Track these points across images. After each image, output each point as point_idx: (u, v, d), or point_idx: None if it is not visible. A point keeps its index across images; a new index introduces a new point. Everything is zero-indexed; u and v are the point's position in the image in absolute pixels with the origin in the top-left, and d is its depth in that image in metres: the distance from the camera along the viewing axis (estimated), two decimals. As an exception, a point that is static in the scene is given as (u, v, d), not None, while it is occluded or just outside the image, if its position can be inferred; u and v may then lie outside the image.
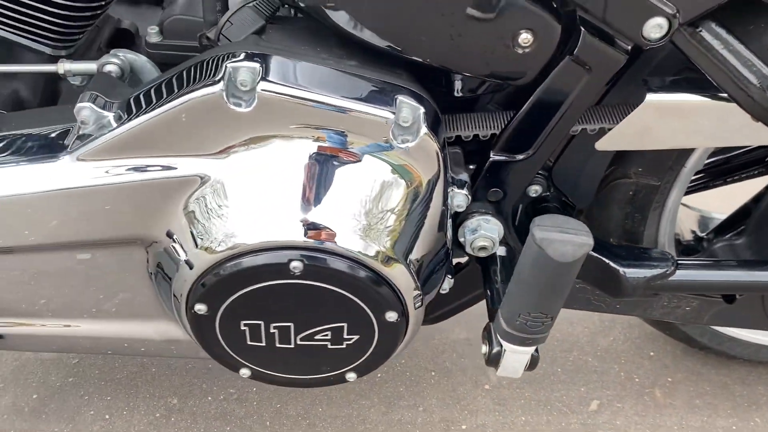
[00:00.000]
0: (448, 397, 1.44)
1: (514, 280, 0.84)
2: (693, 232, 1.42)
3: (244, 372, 0.95)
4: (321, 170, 0.82)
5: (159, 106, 0.80)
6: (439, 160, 0.85)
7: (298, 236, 0.80)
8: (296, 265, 0.80)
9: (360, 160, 0.82)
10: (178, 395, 1.38)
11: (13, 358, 1.43)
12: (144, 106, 0.82)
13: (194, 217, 0.83)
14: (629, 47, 0.83)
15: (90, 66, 0.93)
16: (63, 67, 0.93)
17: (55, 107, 1.00)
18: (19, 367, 1.41)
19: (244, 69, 0.78)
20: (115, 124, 0.84)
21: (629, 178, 1.12)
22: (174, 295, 0.88)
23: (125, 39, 1.16)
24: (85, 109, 0.83)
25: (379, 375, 1.47)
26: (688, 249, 1.35)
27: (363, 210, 0.82)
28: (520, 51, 0.82)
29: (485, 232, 0.97)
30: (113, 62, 0.92)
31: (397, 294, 0.86)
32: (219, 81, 0.78)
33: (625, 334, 1.62)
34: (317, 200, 0.81)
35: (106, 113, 0.84)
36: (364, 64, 0.85)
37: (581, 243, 0.77)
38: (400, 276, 0.85)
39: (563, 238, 0.77)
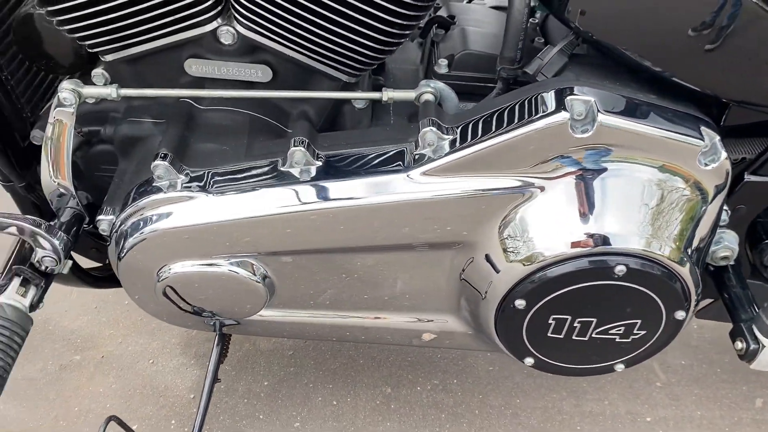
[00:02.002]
0: (627, 392, 1.58)
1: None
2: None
3: (529, 360, 1.10)
4: (638, 187, 0.96)
5: (504, 132, 0.95)
6: (727, 180, 0.99)
7: (623, 243, 0.94)
8: (620, 269, 0.95)
9: (670, 179, 0.97)
10: (390, 385, 1.53)
11: (235, 349, 1.57)
12: (487, 131, 0.96)
13: (524, 224, 0.98)
14: None
15: (409, 94, 1.07)
16: (387, 95, 1.07)
17: (374, 129, 1.14)
18: (242, 358, 1.56)
19: (580, 102, 0.92)
20: (448, 148, 0.98)
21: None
22: (484, 292, 1.03)
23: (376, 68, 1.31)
24: (430, 133, 0.98)
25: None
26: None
27: (669, 220, 0.97)
28: (806, 89, 0.96)
29: (728, 243, 1.11)
30: (429, 91, 1.07)
31: (687, 296, 1.00)
32: (561, 111, 0.92)
33: (770, 339, 1.76)
34: (637, 212, 0.96)
35: (445, 137, 0.98)
36: (659, 95, 1.00)
37: None
38: (692, 281, 0.99)
39: None
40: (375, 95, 1.08)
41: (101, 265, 1.39)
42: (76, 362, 1.53)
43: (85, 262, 1.28)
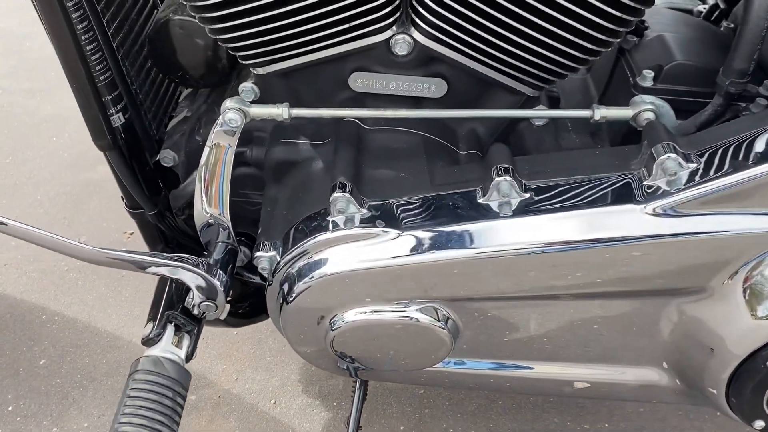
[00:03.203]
0: (797, 439, 1.41)
1: None
2: None
3: (759, 423, 0.94)
4: None
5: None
6: None
7: None
8: None
9: None
10: (537, 431, 1.37)
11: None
12: (744, 160, 0.81)
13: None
14: None
15: (625, 112, 0.92)
16: (599, 113, 0.92)
17: (580, 153, 0.99)
18: (371, 397, 1.41)
19: None
20: (686, 178, 0.83)
21: None
22: (715, 346, 0.88)
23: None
24: (670, 161, 0.82)
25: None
26: None
27: None
28: None
29: None
30: (649, 109, 0.91)
31: None
32: None
33: None
34: None
35: (689, 165, 0.83)
36: None
37: None
38: None
39: None
40: (584, 113, 0.93)
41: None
42: (192, 403, 1.39)
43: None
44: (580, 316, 0.94)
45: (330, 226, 0.89)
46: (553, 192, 0.88)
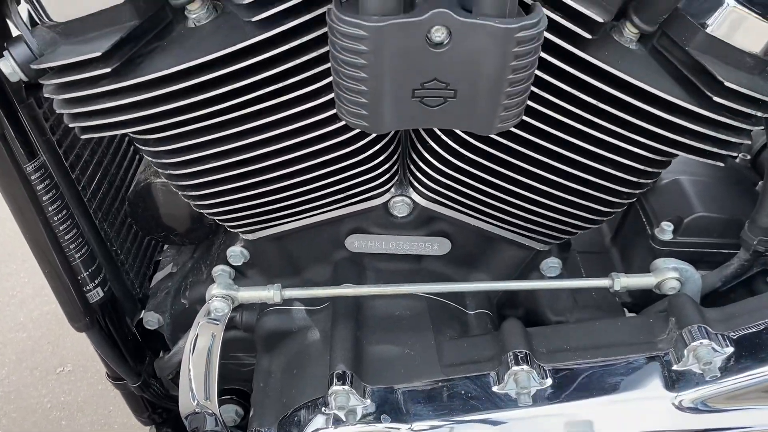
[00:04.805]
0: None
1: None
2: None
3: None
4: None
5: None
6: None
7: None
8: None
9: None
10: None
11: None
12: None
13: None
14: None
15: (647, 280, 0.85)
16: (619, 283, 0.84)
17: (599, 325, 0.90)
18: None
19: None
20: (721, 363, 0.75)
21: None
22: None
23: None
24: (703, 348, 0.75)
25: None
26: None
27: None
28: None
29: None
30: (674, 277, 0.84)
31: None
32: None
33: None
34: None
35: (723, 351, 0.75)
36: None
37: None
38: None
39: None
40: (603, 282, 0.85)
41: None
42: None
43: None
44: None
45: (331, 422, 0.80)
46: (574, 377, 0.79)
